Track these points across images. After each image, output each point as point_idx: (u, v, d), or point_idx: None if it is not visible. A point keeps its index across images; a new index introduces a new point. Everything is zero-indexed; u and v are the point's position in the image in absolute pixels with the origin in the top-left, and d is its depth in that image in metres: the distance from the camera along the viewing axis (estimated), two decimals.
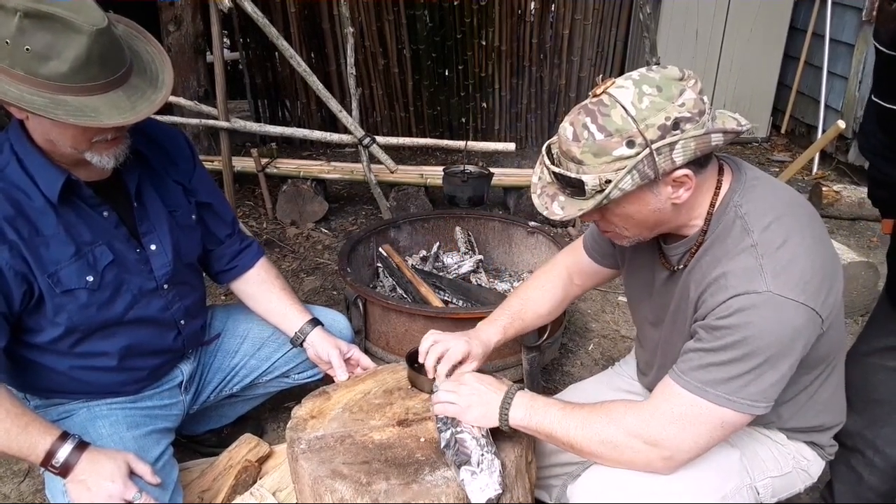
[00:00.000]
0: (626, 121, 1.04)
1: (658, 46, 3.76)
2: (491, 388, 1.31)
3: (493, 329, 1.52)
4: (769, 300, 1.05)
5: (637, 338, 1.56)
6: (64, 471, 1.32)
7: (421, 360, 1.45)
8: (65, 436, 1.34)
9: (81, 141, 1.28)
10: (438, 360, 1.42)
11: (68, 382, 1.50)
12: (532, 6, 4.79)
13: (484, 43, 4.83)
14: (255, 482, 1.68)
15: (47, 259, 1.34)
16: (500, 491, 1.20)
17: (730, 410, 1.10)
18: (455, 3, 4.66)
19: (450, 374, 1.41)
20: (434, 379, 1.42)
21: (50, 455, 1.31)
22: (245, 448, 1.75)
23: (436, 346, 1.42)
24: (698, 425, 1.12)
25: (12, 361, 1.44)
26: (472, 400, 1.29)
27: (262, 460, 1.76)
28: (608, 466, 1.21)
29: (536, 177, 1.21)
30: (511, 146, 3.56)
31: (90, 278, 1.40)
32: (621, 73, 5.44)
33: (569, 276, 1.59)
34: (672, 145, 1.03)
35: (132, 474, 1.36)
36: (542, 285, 1.59)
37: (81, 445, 1.34)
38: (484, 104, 5.09)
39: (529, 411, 1.25)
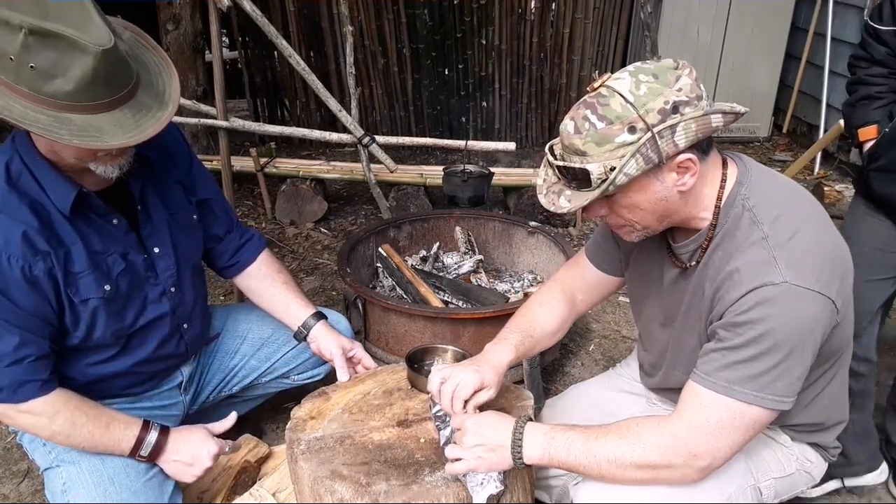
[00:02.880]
0: (625, 108, 1.05)
1: (658, 46, 3.75)
2: (496, 431, 1.22)
3: (504, 349, 1.40)
4: (787, 291, 1.05)
5: (640, 339, 1.55)
6: (153, 456, 1.45)
7: (437, 400, 1.34)
8: (146, 425, 1.46)
9: (86, 155, 1.27)
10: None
11: (72, 388, 1.49)
12: (532, 5, 4.78)
13: (484, 42, 4.82)
14: (254, 483, 1.68)
15: (70, 269, 1.35)
16: (502, 488, 1.19)
17: (758, 408, 1.09)
18: (455, 2, 4.65)
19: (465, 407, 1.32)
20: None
21: (137, 446, 1.43)
22: (244, 449, 1.74)
23: (445, 385, 1.30)
24: (733, 430, 1.10)
25: None
26: (478, 451, 1.20)
27: (262, 461, 1.76)
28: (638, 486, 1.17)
29: (541, 179, 1.21)
30: (511, 146, 3.55)
31: (107, 287, 1.40)
32: None
33: (571, 292, 1.54)
34: (673, 128, 1.04)
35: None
36: (547, 301, 1.52)
37: (164, 430, 1.47)
38: (484, 103, 5.08)
39: (548, 449, 1.18)
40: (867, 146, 1.73)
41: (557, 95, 5.07)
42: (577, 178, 1.11)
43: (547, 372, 2.55)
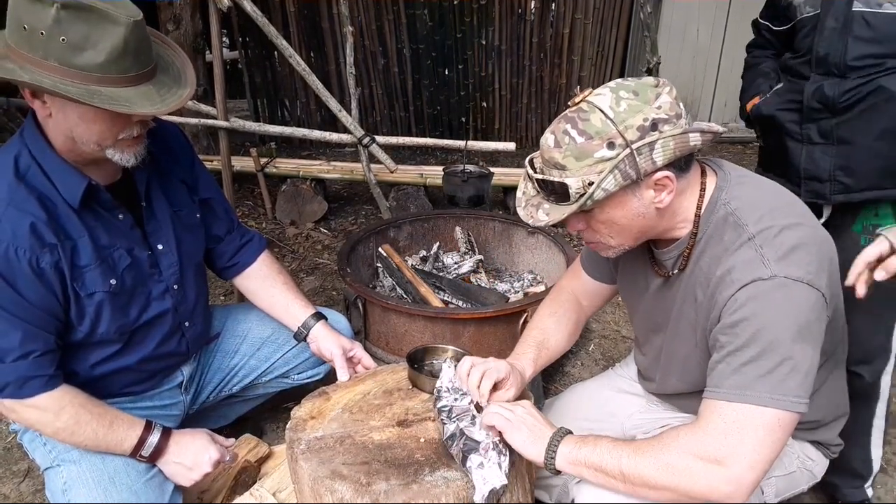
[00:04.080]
0: (605, 124, 1.06)
1: (658, 46, 3.75)
2: (545, 423, 1.24)
3: (524, 363, 1.42)
4: (778, 284, 1.06)
5: (636, 343, 1.55)
6: (153, 457, 1.46)
7: (464, 386, 1.35)
8: (148, 425, 1.46)
9: (108, 136, 1.28)
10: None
11: (74, 385, 1.50)
12: (532, 5, 4.79)
13: (484, 42, 4.83)
14: (254, 483, 1.68)
15: (76, 262, 1.35)
16: (506, 482, 1.19)
17: (776, 410, 1.05)
18: (455, 2, 4.65)
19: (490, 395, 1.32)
20: (435, 378, 1.41)
21: (138, 446, 1.44)
22: (244, 448, 1.74)
23: (475, 368, 1.32)
24: (755, 430, 1.05)
25: None
26: (527, 422, 1.22)
27: (262, 461, 1.76)
28: (664, 500, 1.13)
29: (521, 191, 1.23)
30: (511, 146, 3.56)
31: (113, 281, 1.41)
32: (621, 73, 5.44)
33: (576, 298, 1.56)
34: (651, 145, 1.06)
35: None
36: (555, 311, 1.54)
37: (166, 432, 1.48)
38: (484, 103, 5.09)
39: (578, 445, 1.18)
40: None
41: (557, 95, 5.08)
42: (555, 192, 1.12)
43: (547, 372, 2.56)
